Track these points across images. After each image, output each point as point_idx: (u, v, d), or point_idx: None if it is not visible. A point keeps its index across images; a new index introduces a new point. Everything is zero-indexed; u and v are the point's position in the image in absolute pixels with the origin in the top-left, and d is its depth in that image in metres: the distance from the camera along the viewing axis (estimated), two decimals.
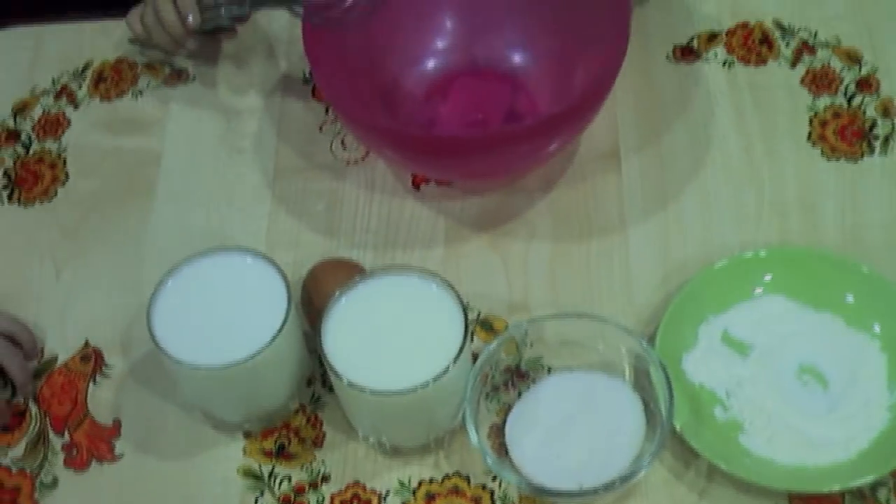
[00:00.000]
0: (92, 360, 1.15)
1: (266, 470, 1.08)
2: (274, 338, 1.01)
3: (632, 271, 1.16)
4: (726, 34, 1.31)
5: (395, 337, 1.02)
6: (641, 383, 1.06)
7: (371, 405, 1.02)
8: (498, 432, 1.06)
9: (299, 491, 1.07)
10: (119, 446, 1.10)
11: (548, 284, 1.16)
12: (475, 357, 1.05)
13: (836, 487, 1.02)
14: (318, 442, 1.09)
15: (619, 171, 1.22)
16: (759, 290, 1.12)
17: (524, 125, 1.20)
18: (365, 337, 1.02)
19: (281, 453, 1.09)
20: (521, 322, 1.07)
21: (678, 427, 1.04)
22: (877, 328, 1.09)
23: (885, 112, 1.24)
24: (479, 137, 1.17)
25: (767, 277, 1.12)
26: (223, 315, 1.04)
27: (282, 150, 1.27)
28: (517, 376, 1.08)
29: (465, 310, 1.01)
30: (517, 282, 1.17)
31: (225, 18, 1.27)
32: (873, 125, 1.23)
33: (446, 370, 0.98)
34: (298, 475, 1.07)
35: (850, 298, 1.10)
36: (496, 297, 1.15)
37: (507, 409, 1.07)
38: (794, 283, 1.11)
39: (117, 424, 1.12)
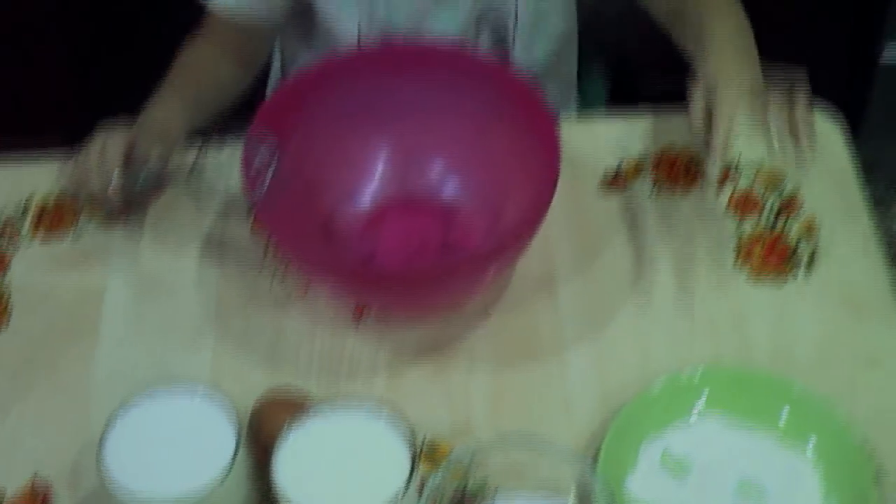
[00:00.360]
0: (40, 497, 1.15)
1: None
2: (224, 473, 1.03)
3: (571, 394, 1.19)
4: (652, 163, 1.36)
5: (343, 470, 1.04)
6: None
7: None
8: None
9: None
10: None
11: (490, 409, 1.19)
12: (422, 483, 1.07)
13: None
14: None
15: (555, 295, 1.26)
16: (695, 410, 1.15)
17: (460, 258, 1.24)
18: (315, 470, 1.03)
19: None
20: (466, 448, 1.09)
21: None
22: (811, 444, 1.12)
23: (809, 231, 1.29)
24: (416, 271, 1.20)
25: (703, 397, 1.15)
26: (174, 450, 1.05)
27: (224, 285, 1.29)
28: (464, 501, 1.10)
29: (412, 442, 1.03)
30: (460, 407, 1.19)
31: (145, 184, 1.30)
32: (797, 245, 1.28)
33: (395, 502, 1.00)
34: None
35: (784, 416, 1.14)
36: (439, 423, 1.18)
37: None
38: (730, 402, 1.15)
39: None
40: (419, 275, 1.17)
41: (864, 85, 2.21)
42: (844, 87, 2.23)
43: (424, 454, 1.16)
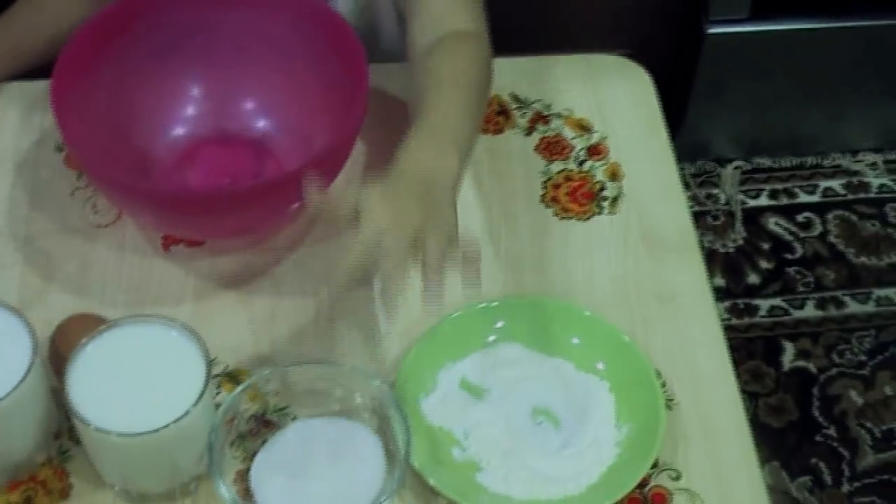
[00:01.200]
0: None
1: None
2: (16, 386, 1.02)
3: (375, 324, 1.21)
4: None
5: (139, 384, 1.04)
6: (382, 426, 1.10)
7: (115, 449, 1.03)
8: (244, 478, 1.09)
9: None
10: None
11: (294, 338, 1.20)
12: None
13: None
14: (64, 493, 1.10)
15: None
16: (493, 338, 1.18)
17: (266, 182, 1.24)
18: (110, 384, 1.04)
19: None
20: (265, 370, 1.10)
21: (416, 465, 1.08)
22: (602, 368, 1.16)
23: (613, 176, 1.33)
24: (225, 194, 1.20)
25: (499, 325, 1.18)
26: None
27: (33, 215, 1.29)
28: (263, 425, 1.11)
29: (206, 355, 1.04)
30: (264, 336, 1.20)
31: None
32: (602, 188, 1.31)
33: (187, 412, 1.01)
34: None
35: (576, 342, 1.17)
36: (243, 350, 1.19)
37: (254, 456, 1.10)
38: (525, 330, 1.18)
39: None
40: (227, 198, 1.18)
41: (690, 55, 2.26)
42: (672, 57, 2.29)
43: (227, 381, 1.17)
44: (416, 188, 1.08)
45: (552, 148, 1.35)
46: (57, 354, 1.12)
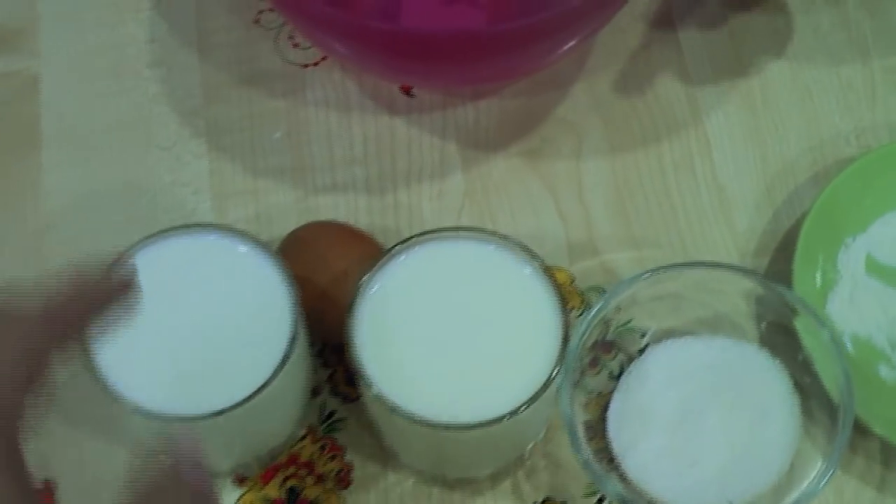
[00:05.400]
0: None
1: None
2: (283, 361, 0.69)
3: (722, 182, 0.86)
4: None
5: (458, 336, 0.70)
6: (781, 345, 0.77)
7: (428, 439, 0.70)
8: (594, 433, 0.76)
9: None
10: None
11: (614, 212, 0.85)
12: None
13: None
14: (343, 478, 0.77)
15: (675, 42, 0.91)
16: None
17: (544, 18, 0.81)
18: (413, 339, 0.70)
19: (295, 501, 0.77)
20: (615, 288, 0.76)
21: (836, 398, 0.75)
22: None
23: None
24: (471, 37, 0.81)
25: None
26: (194, 332, 0.70)
27: (207, 57, 0.91)
28: (602, 350, 0.78)
29: (557, 291, 0.70)
30: (573, 213, 0.85)
31: None
32: None
33: (544, 386, 0.68)
34: None
35: None
36: (549, 238, 0.84)
37: (598, 400, 0.77)
38: None
39: (51, 486, 0.78)
40: (477, 42, 0.80)
41: None
42: None
43: None
44: None
45: None
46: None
